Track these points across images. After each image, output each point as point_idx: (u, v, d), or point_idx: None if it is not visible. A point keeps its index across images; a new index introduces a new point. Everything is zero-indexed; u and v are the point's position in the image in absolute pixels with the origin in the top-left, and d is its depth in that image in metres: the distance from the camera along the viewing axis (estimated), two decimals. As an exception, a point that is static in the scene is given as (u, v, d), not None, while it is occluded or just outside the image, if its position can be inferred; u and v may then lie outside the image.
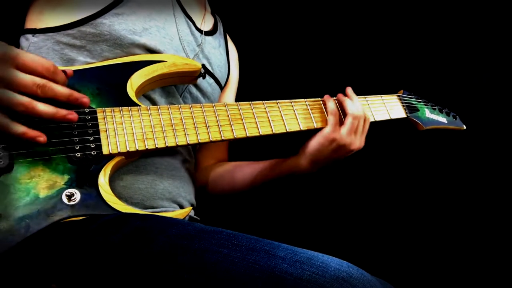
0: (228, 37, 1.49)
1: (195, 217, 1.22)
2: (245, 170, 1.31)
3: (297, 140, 1.18)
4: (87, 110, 0.95)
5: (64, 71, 0.92)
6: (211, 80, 1.29)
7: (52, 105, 0.88)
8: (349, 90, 1.25)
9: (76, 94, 0.91)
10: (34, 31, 1.08)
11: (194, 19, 1.26)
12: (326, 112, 1.19)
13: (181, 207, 1.14)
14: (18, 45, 1.11)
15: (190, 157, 1.24)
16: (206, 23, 1.34)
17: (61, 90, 0.89)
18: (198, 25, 1.28)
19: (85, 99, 0.92)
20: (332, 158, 1.19)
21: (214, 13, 1.44)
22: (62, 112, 0.88)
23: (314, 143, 1.17)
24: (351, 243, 1.78)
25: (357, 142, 1.19)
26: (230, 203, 1.36)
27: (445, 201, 1.83)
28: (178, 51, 1.18)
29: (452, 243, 1.80)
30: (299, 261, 0.75)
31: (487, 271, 1.73)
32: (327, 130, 1.16)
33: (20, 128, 0.84)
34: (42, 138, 0.86)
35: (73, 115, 0.89)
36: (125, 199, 1.01)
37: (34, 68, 0.85)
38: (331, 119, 1.17)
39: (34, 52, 1.07)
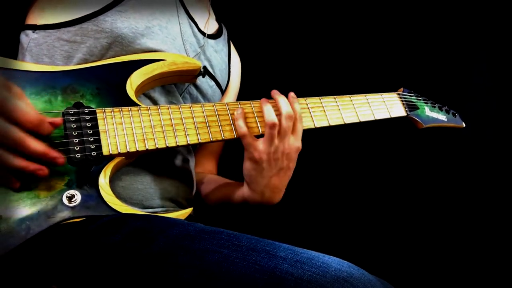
0: (232, 46, 1.48)
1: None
2: (216, 187, 1.28)
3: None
4: (86, 110, 0.94)
5: (53, 121, 0.86)
6: (212, 83, 1.29)
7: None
8: (272, 92, 1.13)
9: (52, 153, 0.83)
10: (35, 27, 1.08)
11: (197, 21, 1.26)
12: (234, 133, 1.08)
13: (181, 206, 1.15)
14: (18, 42, 1.11)
15: (190, 156, 1.24)
16: (210, 27, 1.34)
17: (37, 148, 0.81)
18: (201, 28, 1.28)
19: (60, 159, 0.84)
20: (277, 175, 1.08)
21: (220, 21, 1.44)
22: (33, 166, 0.82)
23: (245, 171, 1.09)
24: (351, 243, 1.78)
25: (286, 146, 1.07)
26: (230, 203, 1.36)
27: (445, 200, 1.82)
28: (180, 51, 1.17)
29: (452, 242, 1.80)
30: (300, 261, 0.75)
31: (487, 271, 1.73)
32: (246, 155, 1.07)
33: (20, 162, 0.80)
34: (42, 171, 0.83)
35: (43, 171, 0.83)
36: (124, 200, 1.01)
37: (17, 118, 0.79)
38: (244, 142, 1.06)
39: (34, 49, 1.06)
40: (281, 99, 1.09)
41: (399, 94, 1.38)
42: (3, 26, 1.13)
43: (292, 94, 1.13)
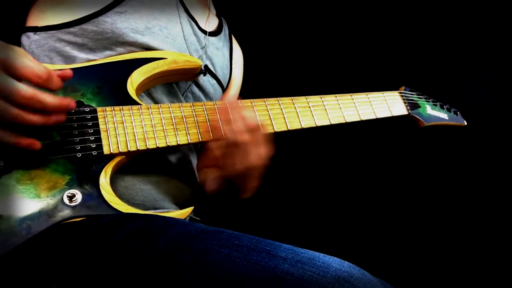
0: (233, 39, 1.48)
1: (196, 217, 1.22)
2: None
3: (297, 138, 1.18)
4: (87, 109, 0.94)
5: (62, 74, 0.87)
6: (214, 81, 1.28)
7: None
8: (222, 108, 1.06)
9: (64, 102, 0.85)
10: (36, 29, 1.08)
11: (197, 19, 1.25)
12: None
13: (182, 208, 1.14)
14: (19, 44, 1.11)
15: (193, 157, 1.24)
16: (210, 24, 1.33)
17: (50, 101, 0.83)
18: (202, 26, 1.27)
19: (72, 103, 0.87)
20: (251, 182, 1.05)
21: (220, 15, 1.43)
22: (52, 118, 0.84)
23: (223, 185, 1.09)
24: (352, 243, 1.78)
25: (259, 158, 1.03)
26: (231, 204, 1.36)
27: (446, 200, 1.82)
28: (181, 51, 1.17)
29: (452, 242, 1.80)
30: (300, 262, 0.75)
31: (487, 271, 1.73)
32: (222, 173, 1.05)
33: (11, 138, 0.82)
34: (35, 145, 0.84)
35: (62, 118, 0.86)
36: (126, 200, 1.00)
37: (26, 75, 0.80)
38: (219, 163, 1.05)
39: (36, 50, 1.07)
40: (229, 126, 1.02)
41: (400, 93, 1.38)
42: (4, 29, 1.13)
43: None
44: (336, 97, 1.23)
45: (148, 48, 1.09)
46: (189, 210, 1.05)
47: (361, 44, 1.88)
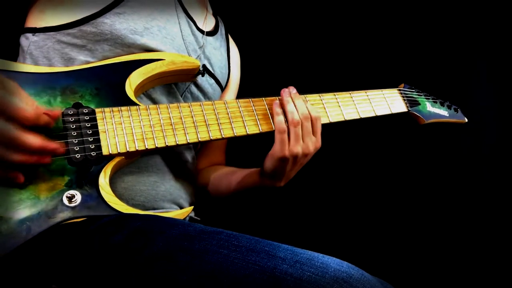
0: (230, 38, 1.48)
1: (196, 217, 1.23)
2: (228, 178, 1.28)
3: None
4: (86, 110, 0.94)
5: (49, 113, 0.86)
6: (212, 81, 1.29)
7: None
8: (288, 90, 1.13)
9: (50, 146, 0.84)
10: (35, 30, 1.08)
11: (195, 19, 1.26)
12: (274, 127, 1.10)
13: (182, 208, 1.15)
14: (18, 44, 1.11)
15: (192, 158, 1.24)
16: (208, 24, 1.34)
17: (35, 143, 0.82)
18: (200, 26, 1.27)
19: (60, 149, 0.86)
20: (293, 169, 1.13)
21: (216, 15, 1.43)
22: (34, 158, 0.82)
23: (268, 165, 1.11)
24: (351, 243, 1.78)
25: (310, 146, 1.10)
26: (230, 204, 1.36)
27: (447, 199, 1.82)
28: (180, 51, 1.17)
29: (452, 242, 1.79)
30: (299, 262, 0.75)
31: (487, 271, 1.73)
32: (275, 150, 1.08)
33: (21, 156, 0.81)
34: (19, 180, 0.83)
35: (45, 159, 0.84)
36: (126, 200, 1.01)
37: (13, 116, 0.79)
38: (278, 138, 1.08)
39: (34, 51, 1.07)
40: (293, 104, 1.11)
41: (400, 90, 1.37)
42: (3, 29, 1.13)
43: (292, 91, 1.14)
44: (335, 95, 1.23)
45: (147, 49, 1.09)
46: (188, 210, 1.05)
47: (360, 42, 1.88)
